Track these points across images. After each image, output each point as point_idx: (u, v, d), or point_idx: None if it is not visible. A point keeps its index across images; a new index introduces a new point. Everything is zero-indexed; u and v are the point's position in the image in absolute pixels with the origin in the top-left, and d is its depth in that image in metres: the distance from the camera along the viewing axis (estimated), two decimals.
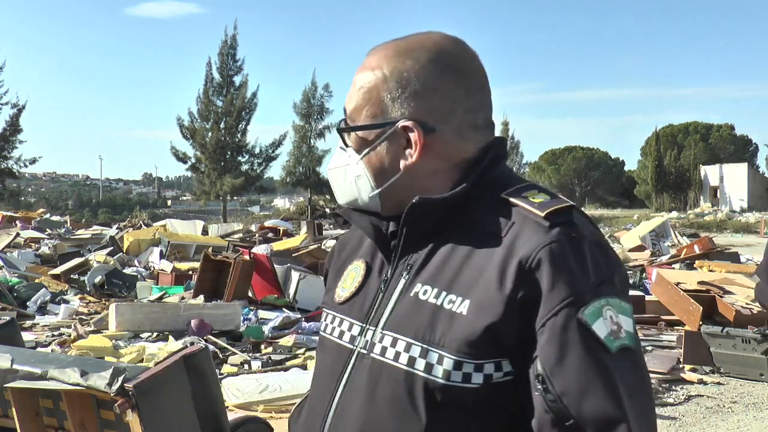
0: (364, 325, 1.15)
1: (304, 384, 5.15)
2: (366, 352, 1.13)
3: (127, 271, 11.84)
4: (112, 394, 2.11)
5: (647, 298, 9.54)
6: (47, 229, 19.24)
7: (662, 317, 8.81)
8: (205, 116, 37.99)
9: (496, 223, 1.09)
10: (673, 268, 12.12)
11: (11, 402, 2.48)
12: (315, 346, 2.10)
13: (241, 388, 5.43)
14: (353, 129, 1.17)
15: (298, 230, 20.52)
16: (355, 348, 1.15)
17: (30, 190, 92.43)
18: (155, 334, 7.50)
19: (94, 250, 14.23)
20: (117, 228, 20.62)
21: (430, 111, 1.13)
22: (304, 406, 1.31)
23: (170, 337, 7.20)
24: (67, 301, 9.54)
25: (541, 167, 67.81)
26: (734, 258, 13.71)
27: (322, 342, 1.27)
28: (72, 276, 11.20)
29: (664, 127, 63.45)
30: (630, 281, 11.44)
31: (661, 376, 6.43)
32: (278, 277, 9.90)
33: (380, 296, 1.16)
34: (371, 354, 1.12)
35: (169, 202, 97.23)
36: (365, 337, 1.14)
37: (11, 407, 2.49)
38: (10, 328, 3.16)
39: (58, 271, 11.21)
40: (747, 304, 7.81)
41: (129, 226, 21.18)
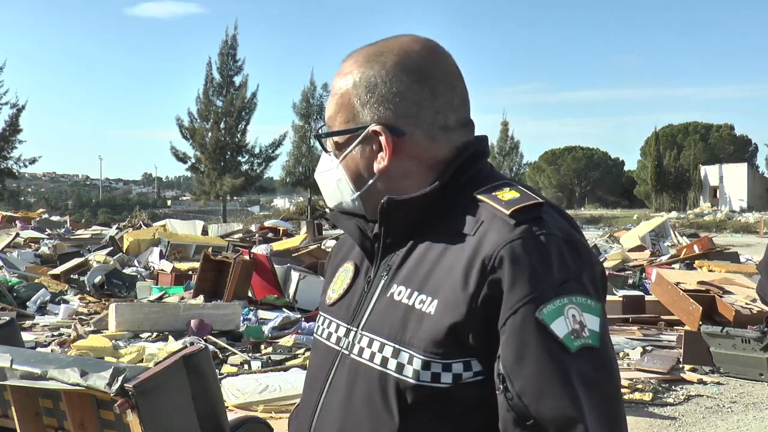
0: (349, 327, 1.17)
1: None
2: (347, 352, 1.15)
3: (127, 271, 11.84)
4: (111, 394, 2.10)
5: (647, 298, 9.54)
6: (47, 229, 19.26)
7: (662, 317, 8.81)
8: (205, 116, 37.99)
9: (466, 222, 1.09)
10: (673, 268, 12.13)
11: (11, 402, 2.48)
12: None
13: (241, 388, 5.43)
14: (328, 135, 1.20)
15: (298, 230, 20.55)
16: (340, 349, 1.17)
17: (30, 190, 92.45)
18: (155, 334, 7.50)
19: (94, 250, 14.23)
20: (117, 228, 20.62)
21: (398, 114, 1.15)
22: (299, 407, 1.33)
23: (170, 338, 7.19)
24: (66, 301, 9.54)
25: (541, 167, 67.84)
26: (734, 258, 13.72)
27: (314, 344, 1.29)
28: (72, 276, 11.21)
29: (663, 127, 63.55)
30: (628, 280, 11.47)
31: (661, 376, 6.43)
32: (278, 277, 9.90)
33: (364, 297, 1.18)
34: (351, 354, 1.14)
35: (169, 202, 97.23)
36: (348, 338, 1.16)
37: (11, 407, 2.49)
38: (10, 328, 3.15)
39: (57, 271, 11.21)
40: (747, 304, 7.81)
41: (129, 226, 21.18)
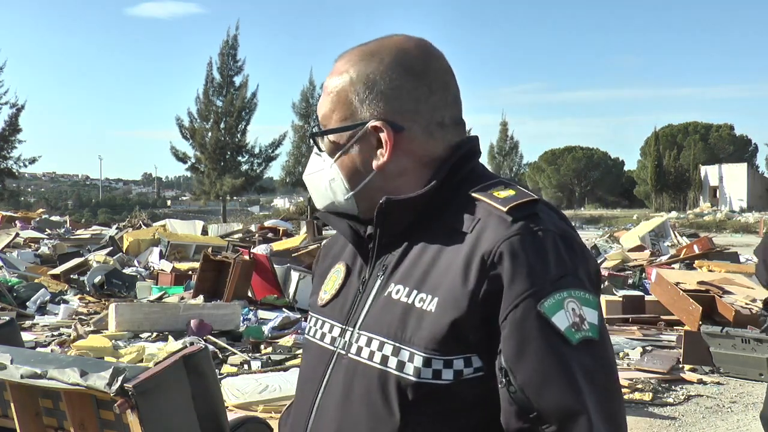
0: (344, 327, 1.17)
1: None
2: (344, 352, 1.15)
3: (127, 271, 11.84)
4: (111, 394, 2.11)
5: (647, 298, 9.54)
6: (47, 229, 19.27)
7: (662, 317, 8.81)
8: (205, 116, 37.99)
9: (463, 220, 1.11)
10: (673, 268, 12.13)
11: (11, 402, 2.48)
12: None
13: (241, 388, 5.44)
14: (325, 133, 1.20)
15: (298, 230, 20.53)
16: (335, 349, 1.17)
17: (29, 190, 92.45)
18: (155, 334, 7.50)
19: (94, 250, 14.23)
20: (117, 228, 20.63)
21: (397, 110, 1.16)
22: (293, 409, 1.32)
23: (170, 337, 7.19)
24: (66, 301, 9.54)
25: (541, 167, 67.86)
26: (734, 258, 13.72)
27: (306, 345, 1.29)
28: (71, 276, 11.20)
29: (663, 127, 63.58)
30: (628, 280, 11.47)
31: (661, 376, 6.43)
32: (278, 277, 9.90)
33: (359, 297, 1.18)
34: (348, 354, 1.14)
35: (169, 202, 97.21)
36: (344, 338, 1.16)
37: (11, 407, 2.49)
38: (10, 328, 3.15)
39: (57, 271, 11.21)
40: (747, 304, 7.82)
41: (129, 226, 21.19)
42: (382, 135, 1.15)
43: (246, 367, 6.45)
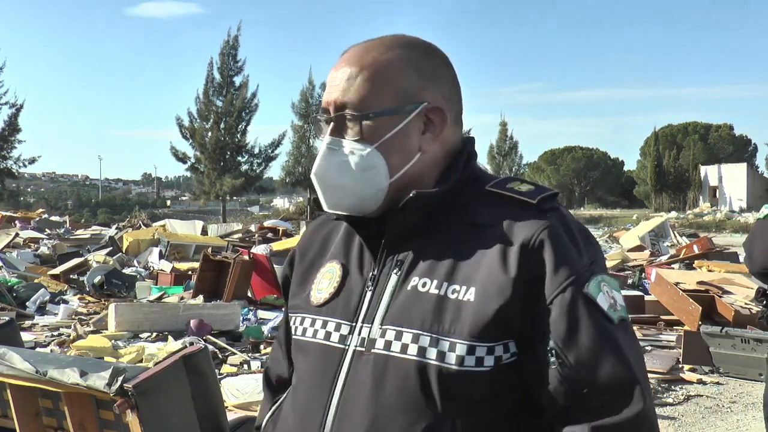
0: (353, 324, 1.16)
1: None
2: (364, 349, 1.13)
3: (127, 271, 11.84)
4: (111, 394, 2.10)
5: (647, 298, 9.54)
6: (46, 229, 19.28)
7: (661, 317, 8.80)
8: (205, 116, 37.97)
9: (488, 214, 1.13)
10: (673, 268, 12.13)
11: (11, 402, 2.48)
12: None
13: (241, 388, 5.44)
14: (379, 114, 1.13)
15: (298, 230, 20.54)
16: (346, 347, 1.15)
17: (29, 190, 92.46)
18: (155, 335, 7.50)
19: (94, 251, 14.24)
20: (116, 228, 20.65)
21: (441, 95, 1.17)
22: (280, 416, 1.27)
23: (170, 338, 7.20)
24: (66, 302, 9.54)
25: (541, 167, 67.82)
26: (733, 258, 13.70)
27: (299, 347, 1.24)
28: (71, 276, 11.21)
29: (663, 127, 63.56)
30: (628, 280, 11.50)
31: (661, 376, 6.42)
32: (277, 277, 9.90)
33: (368, 294, 1.16)
34: (373, 350, 1.12)
35: (169, 202, 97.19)
36: (359, 335, 1.14)
37: (11, 407, 2.49)
38: (10, 329, 3.15)
39: (57, 271, 11.21)
40: (746, 304, 7.81)
41: (128, 227, 21.21)
42: (435, 118, 1.15)
43: (246, 367, 6.45)
